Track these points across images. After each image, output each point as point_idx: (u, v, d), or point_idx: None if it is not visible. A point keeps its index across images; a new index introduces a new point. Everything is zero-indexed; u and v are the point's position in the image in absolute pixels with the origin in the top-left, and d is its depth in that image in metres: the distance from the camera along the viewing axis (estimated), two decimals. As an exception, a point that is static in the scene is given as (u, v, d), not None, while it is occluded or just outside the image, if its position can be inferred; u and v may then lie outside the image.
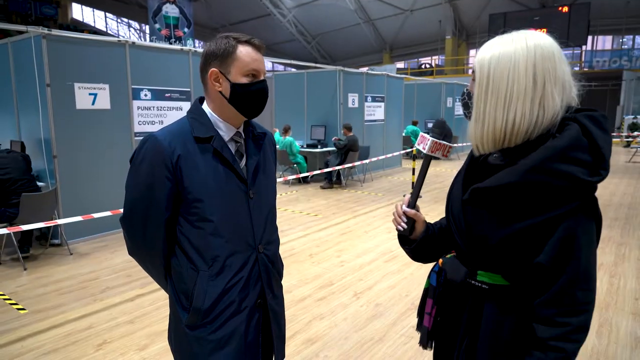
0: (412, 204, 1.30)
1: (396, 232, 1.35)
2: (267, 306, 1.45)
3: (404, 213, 1.29)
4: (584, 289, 1.00)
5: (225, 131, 1.38)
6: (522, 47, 1.03)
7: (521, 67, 1.02)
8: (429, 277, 1.33)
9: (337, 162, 8.63)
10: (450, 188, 1.29)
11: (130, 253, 1.44)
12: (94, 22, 28.63)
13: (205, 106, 1.40)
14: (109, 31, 28.72)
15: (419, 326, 1.37)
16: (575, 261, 0.99)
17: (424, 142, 1.26)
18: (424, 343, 1.32)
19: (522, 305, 1.08)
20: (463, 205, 1.15)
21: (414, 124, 13.32)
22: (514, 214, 1.03)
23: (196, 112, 1.38)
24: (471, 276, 1.16)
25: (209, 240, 1.33)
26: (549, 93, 1.02)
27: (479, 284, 1.14)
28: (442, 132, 1.26)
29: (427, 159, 1.29)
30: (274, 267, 1.48)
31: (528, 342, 1.06)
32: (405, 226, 1.29)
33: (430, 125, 14.14)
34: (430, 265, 1.38)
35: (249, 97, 1.34)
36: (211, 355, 1.34)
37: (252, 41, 1.34)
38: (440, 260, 1.28)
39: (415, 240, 1.31)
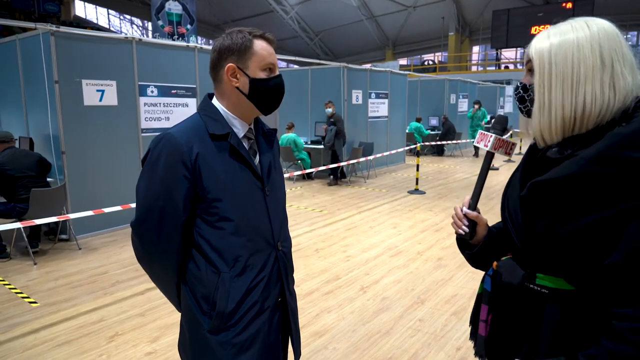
0: (473, 206, 1.21)
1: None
2: (286, 304, 1.44)
3: (465, 215, 1.20)
4: None
5: (240, 128, 1.35)
6: (585, 29, 0.98)
7: (586, 47, 0.96)
8: (482, 281, 1.23)
9: (339, 141, 8.59)
10: (505, 187, 1.20)
11: (140, 259, 1.38)
12: (97, 19, 28.67)
13: (216, 102, 1.35)
14: (111, 28, 28.76)
15: (473, 335, 1.27)
16: None
17: (486, 139, 1.18)
18: (481, 353, 1.20)
19: (588, 311, 0.98)
20: (521, 202, 1.07)
21: (418, 120, 13.32)
22: (578, 208, 0.94)
23: (208, 109, 1.34)
24: (529, 279, 1.07)
25: (230, 241, 1.29)
26: (619, 72, 0.95)
27: (538, 288, 1.05)
28: (504, 128, 1.19)
29: (489, 158, 1.20)
30: (290, 265, 1.47)
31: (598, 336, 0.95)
32: (466, 229, 1.20)
33: (434, 122, 14.15)
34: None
35: (268, 92, 1.32)
36: (235, 359, 1.31)
37: (266, 35, 1.32)
38: (495, 263, 1.19)
39: (476, 245, 1.22)
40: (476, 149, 13.44)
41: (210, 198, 1.27)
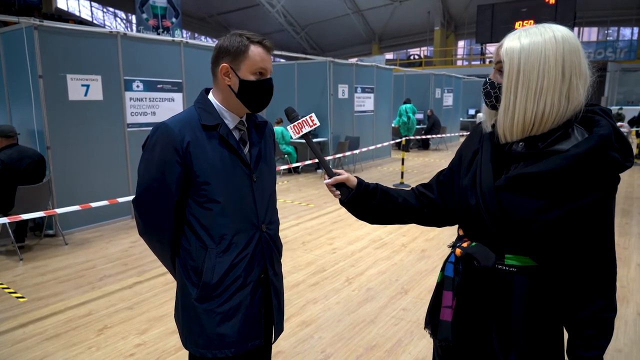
0: (331, 174, 1.43)
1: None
2: (268, 281, 1.56)
3: (330, 185, 1.43)
4: (613, 259, 1.12)
5: (230, 120, 1.48)
6: (552, 40, 1.07)
7: (551, 60, 1.06)
8: (442, 269, 1.31)
9: None
10: (469, 174, 1.26)
11: (141, 233, 1.53)
12: (79, 11, 28.15)
13: (211, 96, 1.50)
14: (94, 21, 28.27)
15: (428, 323, 1.35)
16: (610, 237, 1.11)
17: (292, 130, 1.51)
18: (448, 337, 1.27)
19: (551, 281, 1.17)
20: (497, 191, 1.17)
21: (408, 102, 13.09)
22: (563, 197, 1.08)
23: (203, 102, 1.48)
24: (499, 261, 1.19)
25: (216, 220, 1.44)
26: (575, 85, 1.08)
27: (507, 268, 1.18)
28: (293, 115, 1.53)
29: (306, 138, 1.51)
30: (275, 246, 1.60)
31: (564, 315, 1.17)
32: (338, 193, 1.42)
33: (419, 116, 14.22)
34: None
35: (256, 93, 1.45)
36: (219, 326, 1.47)
37: (264, 42, 1.44)
38: (458, 251, 1.27)
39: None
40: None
41: (200, 181, 1.42)
